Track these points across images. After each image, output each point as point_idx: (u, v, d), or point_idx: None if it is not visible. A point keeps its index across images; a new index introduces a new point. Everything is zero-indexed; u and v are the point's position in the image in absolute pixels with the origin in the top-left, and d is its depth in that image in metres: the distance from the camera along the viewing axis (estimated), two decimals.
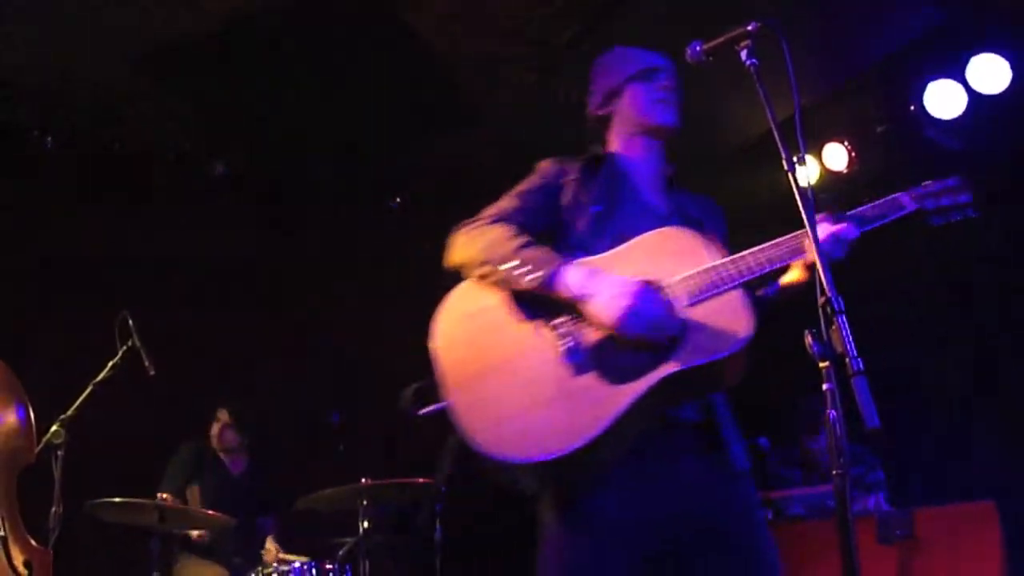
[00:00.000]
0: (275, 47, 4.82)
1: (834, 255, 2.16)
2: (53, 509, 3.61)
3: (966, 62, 4.82)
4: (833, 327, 1.70)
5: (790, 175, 1.92)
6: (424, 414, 2.16)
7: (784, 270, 2.20)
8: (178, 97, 5.26)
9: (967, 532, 3.70)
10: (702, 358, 1.99)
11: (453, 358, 2.13)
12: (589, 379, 2.04)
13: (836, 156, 5.36)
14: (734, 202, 2.81)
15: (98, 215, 5.43)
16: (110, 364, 4.04)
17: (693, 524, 2.10)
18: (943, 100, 4.91)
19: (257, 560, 4.50)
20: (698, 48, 2.25)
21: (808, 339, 1.73)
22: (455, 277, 2.32)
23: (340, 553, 4.39)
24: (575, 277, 2.11)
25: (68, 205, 5.38)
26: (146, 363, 4.03)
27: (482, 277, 2.21)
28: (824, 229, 2.17)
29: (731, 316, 2.05)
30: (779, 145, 1.96)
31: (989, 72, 4.78)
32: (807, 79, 4.97)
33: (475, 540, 5.68)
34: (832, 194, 5.28)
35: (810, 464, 4.66)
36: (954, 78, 4.88)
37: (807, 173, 2.38)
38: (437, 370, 2.14)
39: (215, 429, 4.86)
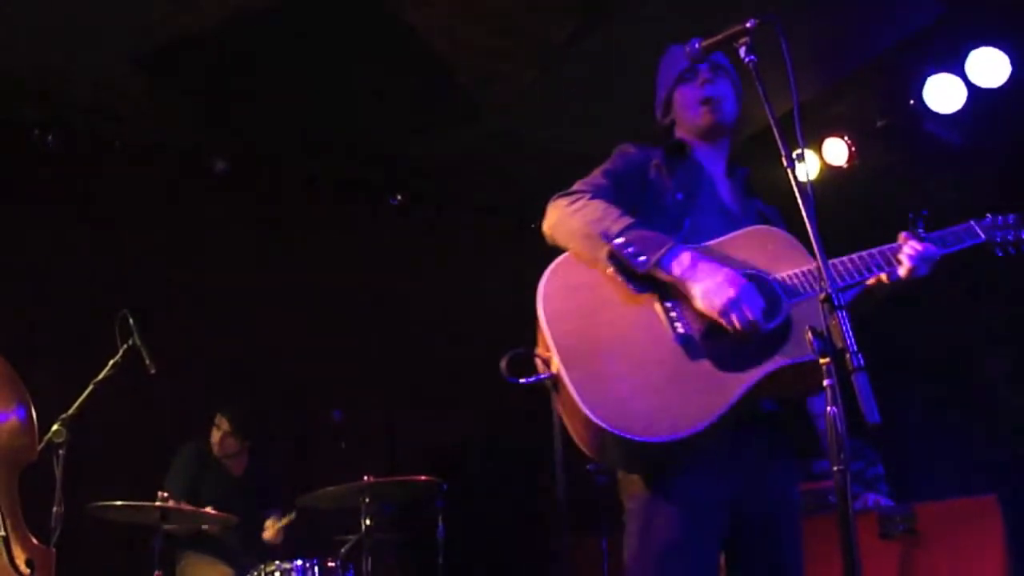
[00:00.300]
0: (275, 44, 4.82)
1: (919, 272, 2.27)
2: (54, 508, 3.61)
3: (965, 56, 4.81)
4: (833, 322, 1.70)
5: (789, 172, 1.93)
6: (526, 383, 2.11)
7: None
8: (178, 94, 5.26)
9: (969, 527, 3.70)
10: (811, 354, 1.97)
11: (562, 330, 2.11)
12: (702, 365, 2.06)
13: (836, 150, 5.36)
14: None
15: (98, 213, 5.43)
16: (111, 363, 4.03)
17: (756, 509, 2.16)
18: (943, 94, 4.91)
19: (261, 558, 4.51)
20: (696, 45, 2.25)
21: (808, 335, 1.73)
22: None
23: (343, 551, 4.40)
24: (685, 261, 2.12)
25: (68, 203, 5.38)
26: (147, 361, 4.03)
27: (585, 251, 2.20)
28: (912, 247, 2.27)
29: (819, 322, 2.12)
30: (779, 142, 1.96)
31: (989, 66, 4.78)
32: (806, 73, 4.97)
33: (477, 537, 5.69)
34: (832, 188, 5.28)
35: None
36: (954, 72, 4.88)
37: (807, 169, 2.40)
38: (542, 340, 2.13)
39: (216, 436, 4.86)
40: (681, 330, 2.10)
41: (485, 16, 4.63)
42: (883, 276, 2.27)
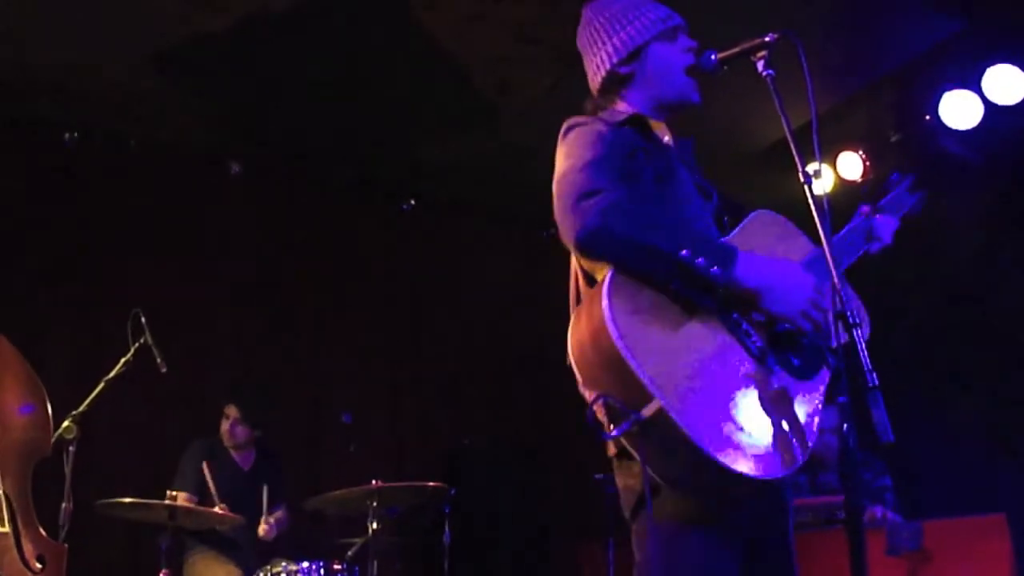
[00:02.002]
0: (291, 46, 4.85)
1: (885, 243, 2.33)
2: (63, 504, 3.63)
3: (982, 72, 4.80)
4: (848, 341, 1.70)
5: (806, 187, 1.92)
6: (618, 434, 1.82)
7: None
8: (194, 95, 5.29)
9: (977, 545, 3.68)
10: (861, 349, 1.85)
11: (653, 367, 1.80)
12: (782, 379, 1.93)
13: (851, 165, 5.34)
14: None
15: (114, 212, 5.46)
16: (122, 361, 4.06)
17: (768, 524, 2.07)
18: (959, 110, 4.89)
19: (266, 556, 4.52)
20: (713, 58, 2.21)
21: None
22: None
23: (349, 554, 4.40)
24: (753, 267, 1.92)
25: (85, 201, 5.41)
26: (158, 360, 4.05)
27: (643, 264, 1.87)
28: (882, 221, 2.33)
29: (856, 303, 2.10)
30: (795, 157, 1.96)
31: (1006, 83, 4.76)
32: (821, 86, 4.94)
33: (484, 543, 5.69)
34: (846, 202, 5.27)
35: (815, 455, 4.62)
36: (970, 88, 4.86)
37: (823, 184, 2.41)
38: (619, 379, 1.81)
39: (225, 426, 4.87)
40: (757, 343, 1.94)
41: (502, 23, 4.65)
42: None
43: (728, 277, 1.88)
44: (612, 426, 1.82)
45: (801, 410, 1.90)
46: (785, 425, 1.86)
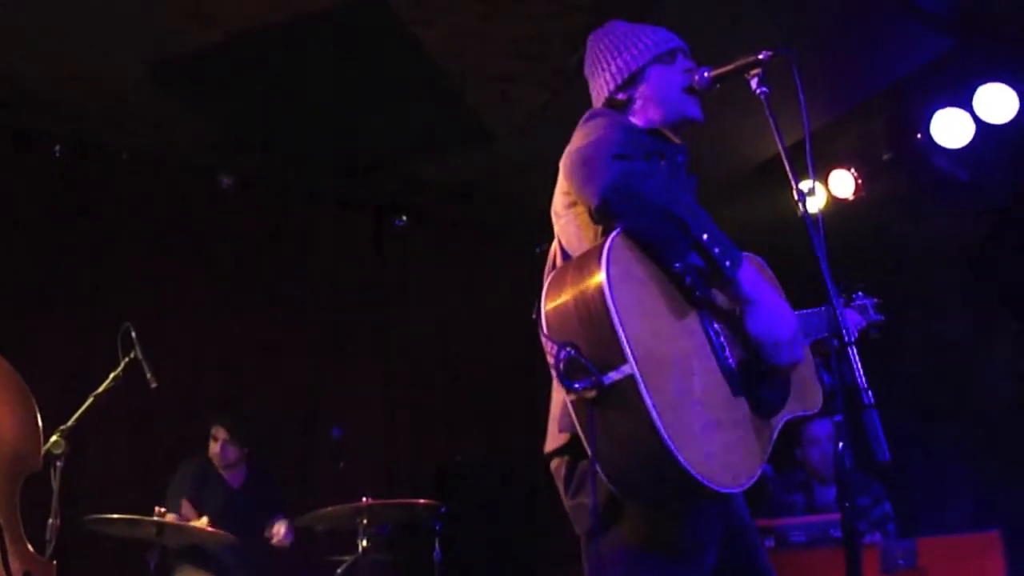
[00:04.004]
0: (284, 61, 4.84)
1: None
2: (51, 520, 3.59)
3: (974, 91, 4.82)
4: (843, 359, 1.70)
5: (800, 205, 1.92)
6: (580, 388, 1.70)
7: None
8: (186, 108, 5.28)
9: (971, 562, 3.68)
10: (811, 408, 1.89)
11: (635, 332, 1.70)
12: (744, 404, 1.88)
13: (842, 183, 5.36)
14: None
15: (103, 224, 5.43)
16: (111, 376, 4.03)
17: (735, 536, 2.05)
18: (950, 129, 4.92)
19: (257, 572, 4.49)
20: (706, 75, 2.23)
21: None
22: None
23: (339, 571, 4.37)
24: (754, 279, 1.90)
25: (74, 213, 5.38)
26: (148, 375, 4.02)
27: (660, 235, 1.83)
28: (853, 317, 2.33)
29: (811, 373, 2.06)
30: (790, 175, 1.96)
31: (997, 102, 4.78)
32: (813, 104, 4.96)
33: (473, 560, 5.65)
34: (838, 220, 5.30)
35: (813, 468, 4.60)
36: (961, 107, 4.89)
37: (815, 202, 2.39)
38: (597, 336, 1.71)
39: (214, 448, 4.83)
40: (729, 361, 1.89)
41: (497, 39, 4.65)
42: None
43: (734, 275, 1.84)
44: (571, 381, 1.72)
45: (757, 440, 1.85)
46: (738, 441, 1.81)
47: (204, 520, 4.34)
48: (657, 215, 1.80)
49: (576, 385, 1.70)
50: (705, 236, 1.81)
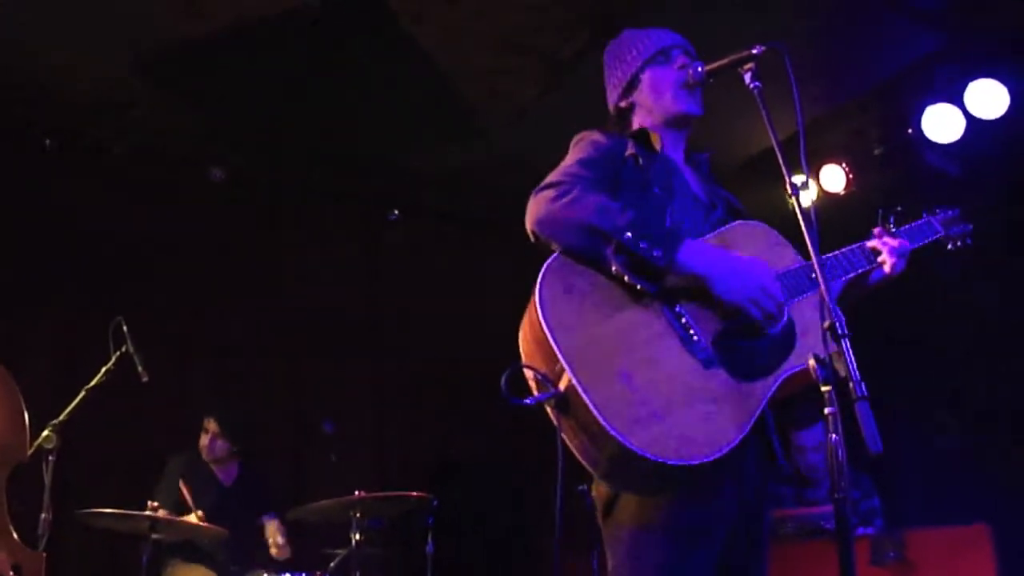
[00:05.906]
0: (277, 55, 4.83)
1: (898, 268, 2.31)
2: (43, 514, 3.58)
3: (965, 87, 4.84)
4: (836, 351, 1.71)
5: (794, 199, 1.93)
6: (531, 403, 1.92)
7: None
8: (178, 101, 5.26)
9: (960, 555, 3.70)
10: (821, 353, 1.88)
11: (571, 342, 1.88)
12: (720, 376, 1.95)
13: (834, 178, 5.37)
14: None
15: (94, 217, 5.41)
16: (103, 370, 4.02)
17: (745, 523, 2.08)
18: (941, 124, 4.94)
19: (249, 567, 4.48)
20: (700, 70, 2.27)
21: (812, 363, 1.73)
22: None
23: (332, 565, 4.38)
24: (701, 253, 2.00)
25: (65, 207, 5.36)
26: (139, 369, 4.01)
27: (586, 247, 1.99)
28: (889, 243, 2.32)
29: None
30: (783, 170, 1.97)
31: (987, 97, 4.81)
32: (805, 99, 4.97)
33: (467, 553, 5.67)
34: (828, 215, 5.31)
35: (801, 472, 4.63)
36: (953, 102, 4.91)
37: (807, 196, 2.40)
38: (543, 353, 1.91)
39: (204, 440, 4.80)
40: (696, 338, 1.97)
41: (490, 33, 4.65)
42: (867, 273, 2.31)
43: (669, 260, 1.96)
44: (537, 393, 1.94)
45: (733, 408, 1.92)
46: (707, 414, 1.89)
47: (196, 515, 4.33)
48: (578, 232, 1.99)
49: (542, 397, 1.91)
50: (628, 235, 1.95)
